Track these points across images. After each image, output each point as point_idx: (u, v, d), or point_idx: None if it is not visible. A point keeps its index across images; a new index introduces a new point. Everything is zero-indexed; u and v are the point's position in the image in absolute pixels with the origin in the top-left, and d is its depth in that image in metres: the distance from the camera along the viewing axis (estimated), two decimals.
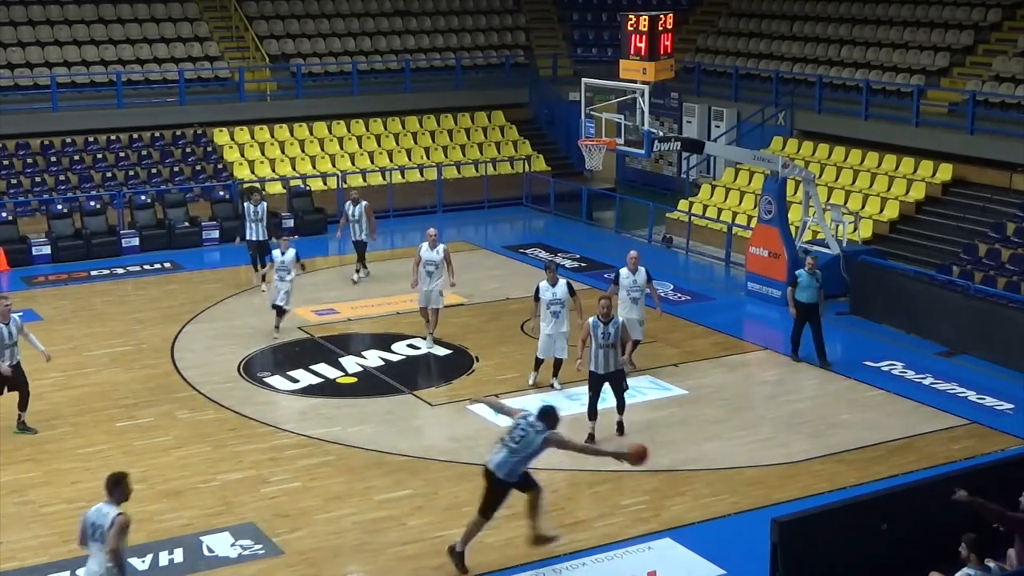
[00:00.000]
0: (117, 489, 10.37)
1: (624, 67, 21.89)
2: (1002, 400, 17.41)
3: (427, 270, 19.22)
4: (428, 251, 19.32)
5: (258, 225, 23.00)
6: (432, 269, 19.21)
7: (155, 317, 21.26)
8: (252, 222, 22.98)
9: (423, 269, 19.24)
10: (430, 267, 19.22)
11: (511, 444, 12.21)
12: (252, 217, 22.97)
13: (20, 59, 29.83)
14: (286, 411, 16.99)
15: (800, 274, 18.81)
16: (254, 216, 22.94)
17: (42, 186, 27.70)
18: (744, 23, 33.59)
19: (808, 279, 18.68)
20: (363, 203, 23.34)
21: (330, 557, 12.87)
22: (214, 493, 14.36)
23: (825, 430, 16.36)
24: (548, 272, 17.82)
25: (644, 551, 12.98)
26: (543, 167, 32.03)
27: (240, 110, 30.63)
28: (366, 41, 33.93)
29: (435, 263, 19.23)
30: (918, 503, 11.97)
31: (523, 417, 12.43)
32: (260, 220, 22.96)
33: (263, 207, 23.11)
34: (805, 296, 18.69)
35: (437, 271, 19.23)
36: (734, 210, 27.07)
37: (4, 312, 15.70)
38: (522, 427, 12.28)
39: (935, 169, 25.56)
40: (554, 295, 17.42)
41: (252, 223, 22.99)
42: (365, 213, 23.26)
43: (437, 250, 19.33)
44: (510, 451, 12.19)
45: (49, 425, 16.39)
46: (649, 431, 16.12)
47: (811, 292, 18.68)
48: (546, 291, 17.46)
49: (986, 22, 28.17)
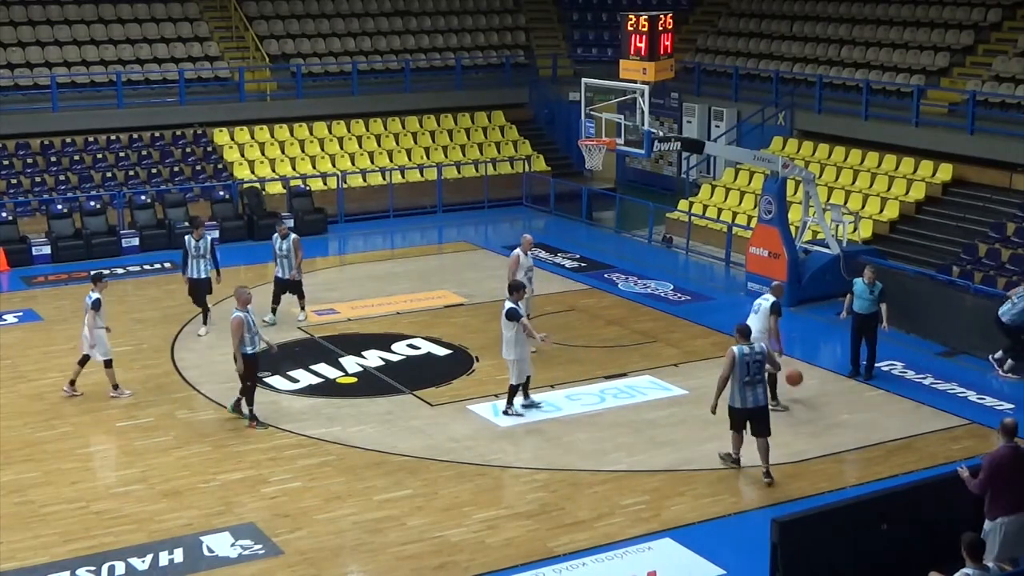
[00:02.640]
0: None
1: (624, 67, 21.90)
2: (1002, 400, 17.41)
3: (528, 276, 18.91)
4: (525, 258, 19.13)
5: (199, 262, 20.12)
6: (531, 275, 19.12)
7: (155, 317, 21.26)
8: (193, 258, 20.08)
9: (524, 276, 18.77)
10: (530, 273, 19.12)
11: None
12: (193, 252, 20.07)
13: (20, 59, 29.84)
14: (286, 411, 16.99)
15: (856, 282, 18.15)
16: (195, 251, 20.07)
17: (42, 186, 27.71)
18: (744, 23, 33.59)
19: (862, 288, 17.97)
20: (292, 236, 20.70)
21: (330, 557, 12.88)
22: (214, 493, 14.36)
23: (825, 430, 16.36)
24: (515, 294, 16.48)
25: (644, 551, 12.98)
26: (543, 167, 32.04)
27: (240, 110, 30.63)
28: (366, 41, 33.93)
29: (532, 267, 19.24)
30: (918, 503, 11.97)
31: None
32: (203, 256, 20.10)
33: (206, 242, 20.21)
34: (858, 306, 18.03)
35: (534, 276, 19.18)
36: (734, 210, 27.07)
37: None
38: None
39: (935, 169, 25.56)
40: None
41: (193, 259, 20.09)
42: (293, 247, 20.53)
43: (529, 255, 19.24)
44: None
45: (49, 425, 16.40)
46: (649, 431, 16.13)
47: (864, 303, 17.96)
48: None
49: (986, 22, 28.17)
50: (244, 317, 16.02)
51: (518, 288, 16.56)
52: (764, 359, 14.54)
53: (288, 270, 20.58)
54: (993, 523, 11.39)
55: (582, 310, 21.81)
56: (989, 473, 11.35)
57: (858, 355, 18.34)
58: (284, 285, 20.78)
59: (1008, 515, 11.34)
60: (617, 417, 16.73)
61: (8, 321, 21.04)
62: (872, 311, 17.99)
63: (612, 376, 18.27)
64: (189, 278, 20.23)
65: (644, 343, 19.89)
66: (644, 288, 23.28)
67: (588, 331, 20.61)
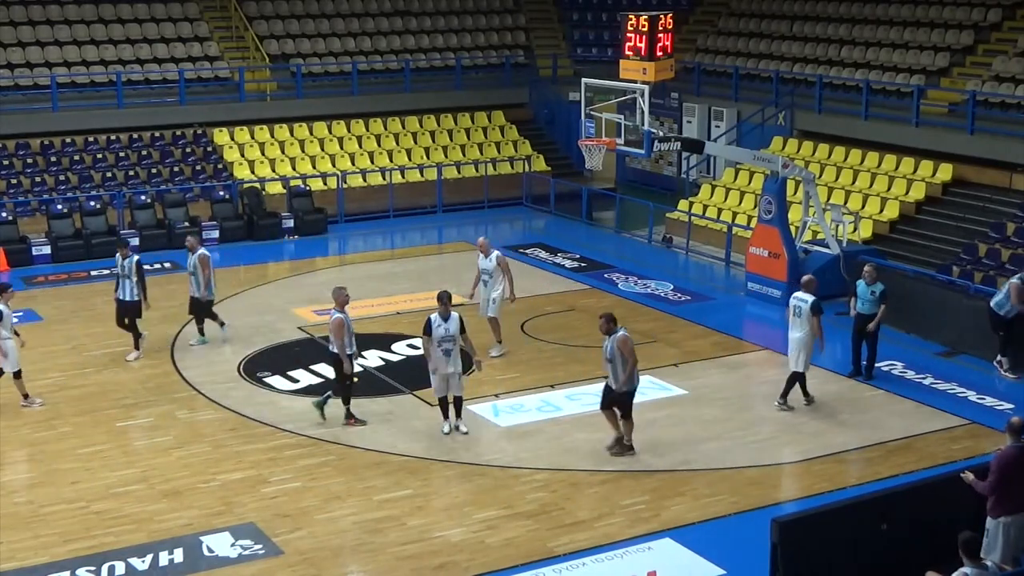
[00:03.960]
0: None
1: (624, 67, 21.90)
2: (1002, 400, 17.41)
3: (483, 279, 19.17)
4: (483, 260, 19.26)
5: (125, 283, 18.96)
6: (487, 278, 19.17)
7: (155, 317, 21.22)
8: (121, 277, 19.00)
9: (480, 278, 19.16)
10: (485, 276, 19.19)
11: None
12: (120, 272, 19.01)
13: (20, 59, 29.83)
14: (286, 411, 16.98)
15: (859, 284, 18.16)
16: (121, 271, 18.98)
17: (42, 186, 27.71)
18: (744, 23, 33.59)
19: (863, 289, 17.97)
20: (200, 251, 19.55)
21: (330, 557, 12.88)
22: (214, 493, 14.36)
23: (825, 430, 16.36)
24: (441, 305, 15.87)
25: (644, 551, 12.98)
26: (543, 167, 32.03)
27: (240, 110, 30.63)
28: (366, 41, 33.93)
29: (489, 271, 19.20)
30: (918, 503, 11.97)
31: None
32: (127, 276, 18.93)
33: (131, 262, 18.95)
34: (859, 307, 18.02)
35: (492, 280, 19.13)
36: (734, 210, 27.07)
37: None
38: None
39: (935, 169, 25.55)
40: (447, 331, 15.65)
41: (121, 279, 19.00)
42: (199, 263, 19.41)
43: (491, 258, 19.27)
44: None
45: (49, 425, 16.40)
46: (649, 431, 16.13)
47: (865, 304, 17.96)
48: (438, 326, 15.70)
49: (986, 22, 28.17)
50: (343, 317, 16.06)
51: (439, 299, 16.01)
52: None
53: (197, 288, 19.48)
54: (996, 522, 11.37)
55: (582, 310, 21.81)
56: (999, 474, 11.29)
57: (859, 355, 18.34)
58: (194, 304, 19.73)
59: (1011, 515, 11.33)
60: None
61: None
62: (873, 312, 17.98)
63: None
64: (116, 299, 19.12)
65: (644, 343, 19.87)
66: (644, 288, 23.28)
67: (588, 331, 20.58)
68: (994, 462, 11.43)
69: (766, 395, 18.02)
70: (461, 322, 15.88)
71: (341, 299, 16.30)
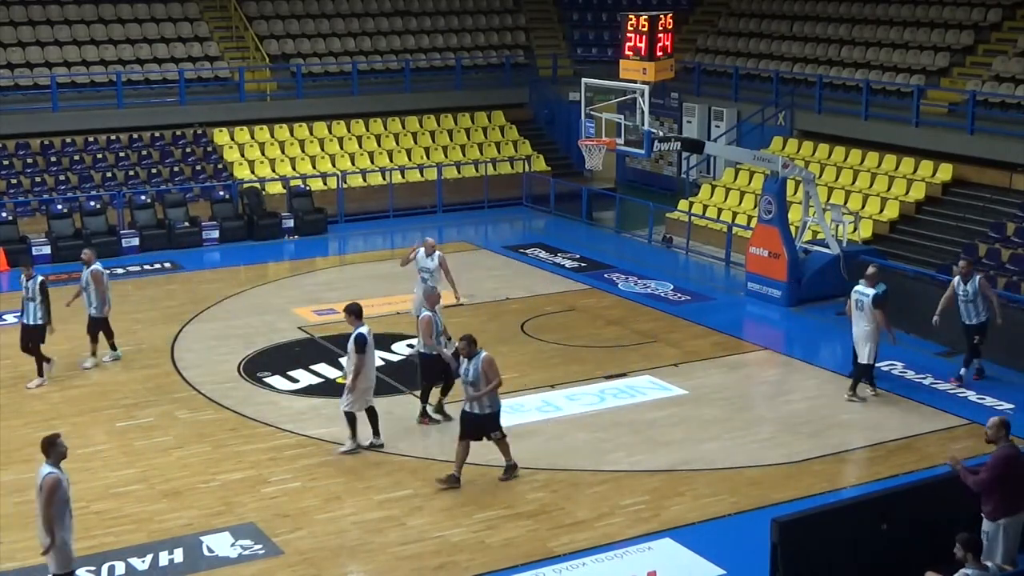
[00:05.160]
0: (52, 450, 11.18)
1: (624, 67, 21.89)
2: (1002, 400, 17.41)
3: (422, 277, 19.22)
4: (425, 259, 19.31)
5: (29, 305, 17.85)
6: (426, 276, 19.19)
7: (155, 317, 21.26)
8: (25, 300, 17.94)
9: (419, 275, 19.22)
10: (424, 274, 19.22)
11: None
12: (24, 294, 17.95)
13: (20, 59, 29.83)
14: (286, 411, 16.98)
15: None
16: (25, 293, 17.91)
17: (42, 186, 27.71)
18: (744, 23, 33.60)
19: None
20: (94, 266, 18.44)
21: (330, 557, 12.88)
22: (214, 493, 14.36)
23: (825, 430, 16.35)
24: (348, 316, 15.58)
25: (644, 551, 12.98)
26: (543, 167, 32.04)
27: (240, 110, 30.63)
28: (366, 41, 33.93)
29: (430, 270, 19.21)
30: (918, 503, 11.97)
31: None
32: (31, 298, 17.82)
33: (34, 283, 17.82)
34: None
35: (430, 279, 19.13)
36: (734, 210, 27.07)
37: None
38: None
39: (935, 169, 25.55)
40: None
41: (25, 301, 17.94)
42: (92, 279, 18.34)
43: (432, 257, 19.30)
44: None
45: (49, 425, 16.38)
46: (649, 431, 16.13)
47: None
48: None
49: (986, 22, 28.18)
50: (432, 317, 16.14)
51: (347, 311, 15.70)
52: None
53: (89, 304, 18.47)
54: (995, 525, 11.35)
55: (582, 310, 21.81)
56: (993, 472, 11.29)
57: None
58: (91, 322, 18.63)
59: (1008, 516, 11.33)
60: (617, 417, 16.72)
61: (8, 321, 21.01)
62: None
63: (612, 376, 18.27)
64: (21, 322, 18.13)
65: (644, 343, 19.89)
66: (644, 288, 23.28)
67: (588, 331, 20.61)
68: (990, 460, 11.42)
69: (766, 395, 18.06)
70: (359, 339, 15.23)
71: (433, 299, 16.58)
